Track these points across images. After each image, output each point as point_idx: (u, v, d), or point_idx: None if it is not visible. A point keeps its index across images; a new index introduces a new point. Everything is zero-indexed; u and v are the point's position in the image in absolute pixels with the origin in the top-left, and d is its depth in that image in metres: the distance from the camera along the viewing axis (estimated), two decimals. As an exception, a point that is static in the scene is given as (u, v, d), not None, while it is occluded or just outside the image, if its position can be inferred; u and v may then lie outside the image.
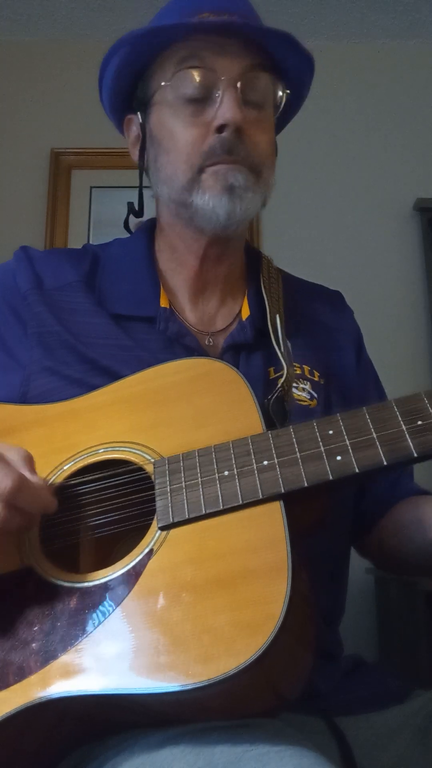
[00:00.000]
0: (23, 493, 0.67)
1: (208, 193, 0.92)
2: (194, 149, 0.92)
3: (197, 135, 0.93)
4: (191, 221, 0.96)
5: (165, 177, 0.96)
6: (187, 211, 0.95)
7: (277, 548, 0.64)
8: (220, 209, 0.92)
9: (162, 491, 0.72)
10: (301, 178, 2.78)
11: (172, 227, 1.01)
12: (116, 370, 0.89)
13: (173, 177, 0.94)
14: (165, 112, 0.96)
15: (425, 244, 2.78)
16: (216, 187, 0.92)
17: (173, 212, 0.99)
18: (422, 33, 2.97)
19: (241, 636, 0.60)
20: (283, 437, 0.72)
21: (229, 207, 0.92)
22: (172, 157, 0.94)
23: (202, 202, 0.93)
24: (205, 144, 0.92)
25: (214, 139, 0.91)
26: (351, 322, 1.15)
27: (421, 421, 0.69)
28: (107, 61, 0.99)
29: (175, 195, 0.95)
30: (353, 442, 0.70)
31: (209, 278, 1.02)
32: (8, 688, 0.64)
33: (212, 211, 0.92)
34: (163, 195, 0.98)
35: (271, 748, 0.58)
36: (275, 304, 1.01)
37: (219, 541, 0.67)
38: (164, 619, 0.63)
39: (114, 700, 0.62)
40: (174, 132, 0.94)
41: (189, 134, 0.93)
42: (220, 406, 0.78)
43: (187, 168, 0.93)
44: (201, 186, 0.93)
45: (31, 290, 0.97)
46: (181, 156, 0.93)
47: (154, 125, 0.98)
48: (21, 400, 0.91)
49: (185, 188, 0.93)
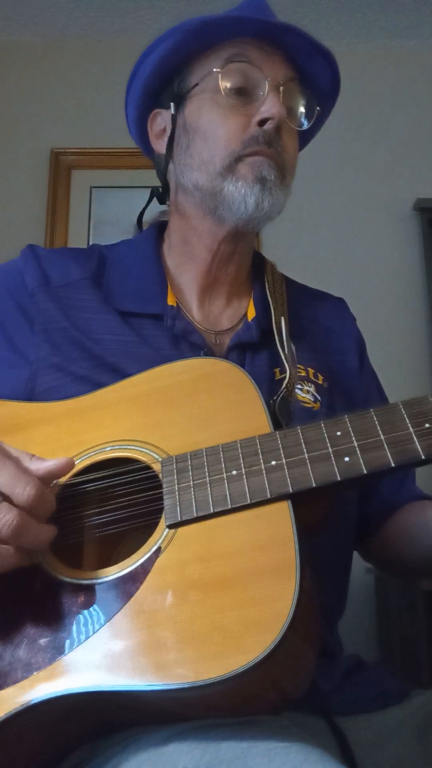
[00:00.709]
0: (25, 533, 0.66)
1: (242, 181, 0.94)
2: (235, 136, 0.95)
3: (239, 124, 0.95)
4: (215, 211, 0.97)
5: (199, 162, 0.97)
6: (214, 200, 0.97)
7: (286, 547, 0.64)
8: (250, 198, 0.94)
9: (170, 489, 0.72)
10: (301, 178, 2.77)
11: (190, 218, 1.02)
12: (122, 366, 0.90)
13: (209, 162, 0.96)
14: (206, 101, 0.98)
15: (425, 244, 2.79)
16: (249, 176, 0.94)
17: (197, 201, 1.00)
18: (422, 33, 2.98)
19: (249, 634, 0.60)
20: (291, 437, 0.72)
21: (259, 197, 0.94)
22: (211, 143, 0.96)
23: (234, 189, 0.94)
24: (246, 133, 0.95)
25: (256, 130, 0.95)
26: (354, 328, 1.16)
27: (428, 424, 0.69)
28: (149, 53, 1.01)
29: (206, 181, 0.97)
30: (361, 443, 0.70)
31: (219, 276, 1.03)
32: (16, 684, 0.64)
33: (242, 200, 0.94)
34: (191, 182, 0.99)
35: (277, 743, 0.58)
36: (280, 306, 1.02)
37: (227, 540, 0.67)
38: (172, 616, 0.63)
39: (122, 697, 0.62)
40: (214, 119, 0.97)
41: (231, 122, 0.96)
42: (228, 406, 0.79)
43: (226, 154, 0.95)
44: (236, 174, 0.95)
45: (38, 287, 0.98)
46: (220, 142, 0.95)
47: (190, 114, 1.00)
48: (28, 397, 0.91)
49: (220, 174, 0.95)
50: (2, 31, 2.97)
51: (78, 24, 2.93)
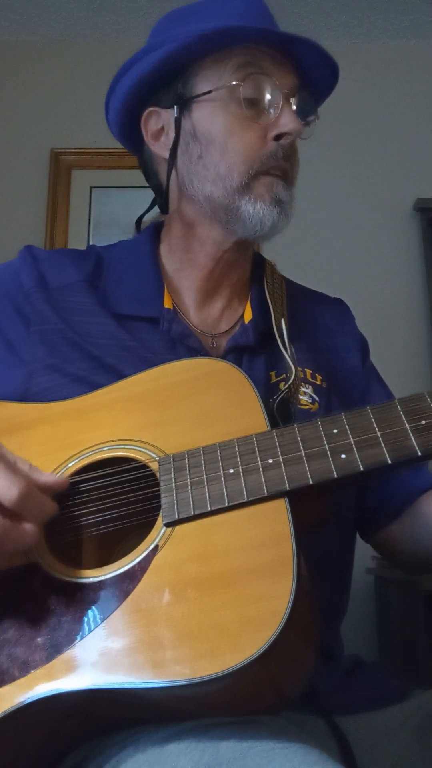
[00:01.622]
0: (29, 501, 0.67)
1: (260, 202, 0.94)
2: (254, 152, 0.94)
3: (256, 138, 0.94)
4: (226, 224, 0.97)
5: (215, 176, 0.96)
6: (228, 215, 0.96)
7: (283, 545, 0.65)
8: (268, 220, 0.94)
9: (167, 488, 0.72)
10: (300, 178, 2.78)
11: (195, 226, 1.01)
12: (120, 369, 0.90)
13: (227, 177, 0.95)
14: (219, 110, 0.96)
15: (425, 244, 2.79)
16: (267, 197, 0.94)
17: (206, 211, 0.98)
18: (422, 33, 2.98)
19: (246, 631, 0.60)
20: (288, 435, 0.72)
21: (276, 220, 0.95)
22: (229, 157, 0.95)
23: (252, 210, 0.94)
24: (264, 149, 0.94)
25: (275, 146, 0.94)
26: (354, 328, 1.15)
27: (424, 421, 0.70)
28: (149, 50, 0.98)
29: (221, 196, 0.95)
30: (357, 440, 0.70)
31: (221, 282, 1.03)
32: (13, 682, 0.64)
33: (260, 221, 0.94)
34: (202, 193, 0.97)
35: (276, 743, 0.58)
36: (279, 308, 1.02)
37: (224, 538, 0.67)
38: (170, 614, 0.63)
39: (119, 695, 0.62)
40: (231, 131, 0.95)
41: (248, 136, 0.94)
42: (225, 406, 0.79)
43: (245, 170, 0.94)
44: (252, 193, 0.94)
45: (34, 288, 0.97)
46: (239, 156, 0.94)
47: (200, 122, 0.97)
48: (22, 398, 0.91)
49: (237, 191, 0.94)
50: (2, 31, 2.97)
51: (78, 24, 2.93)
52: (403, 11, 2.88)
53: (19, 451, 0.80)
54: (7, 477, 0.66)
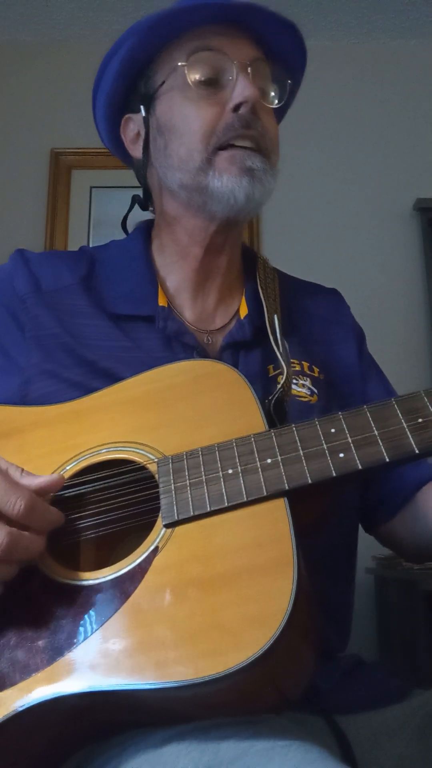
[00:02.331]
0: (14, 551, 0.67)
1: (225, 175, 0.93)
2: (210, 128, 0.93)
3: (213, 114, 0.94)
4: (203, 207, 0.96)
5: (178, 161, 0.96)
6: (201, 196, 0.95)
7: (283, 544, 0.65)
8: (239, 192, 0.93)
9: (166, 489, 0.72)
10: (301, 178, 2.79)
11: (179, 219, 1.01)
12: (116, 371, 0.90)
13: (188, 159, 0.94)
14: (176, 97, 0.96)
15: (425, 244, 2.79)
16: (232, 169, 0.93)
17: (183, 201, 0.98)
18: (422, 33, 2.98)
19: (248, 630, 0.60)
20: (286, 435, 0.73)
21: (249, 189, 0.93)
22: (186, 139, 0.95)
23: (219, 185, 0.93)
24: (221, 123, 0.93)
25: (231, 117, 0.93)
26: (350, 317, 1.15)
27: (421, 419, 0.70)
28: (110, 57, 1.00)
29: (188, 179, 0.95)
30: (355, 439, 0.70)
31: (211, 270, 1.02)
32: (15, 685, 0.64)
33: (230, 193, 0.93)
34: (173, 183, 0.97)
35: (276, 743, 0.58)
36: (272, 303, 1.01)
37: (224, 538, 0.67)
38: (171, 615, 0.63)
39: (121, 697, 0.62)
40: (187, 114, 0.95)
41: (204, 113, 0.94)
42: (223, 407, 0.79)
43: (203, 147, 0.93)
44: (216, 168, 0.93)
45: (29, 293, 0.97)
46: (196, 136, 0.94)
47: (162, 114, 0.98)
48: (20, 404, 0.91)
49: (200, 169, 0.94)
50: (2, 31, 2.97)
51: (78, 24, 2.94)
52: (403, 11, 2.88)
53: (17, 454, 0.81)
54: (11, 489, 0.67)
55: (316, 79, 3.00)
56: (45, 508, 0.70)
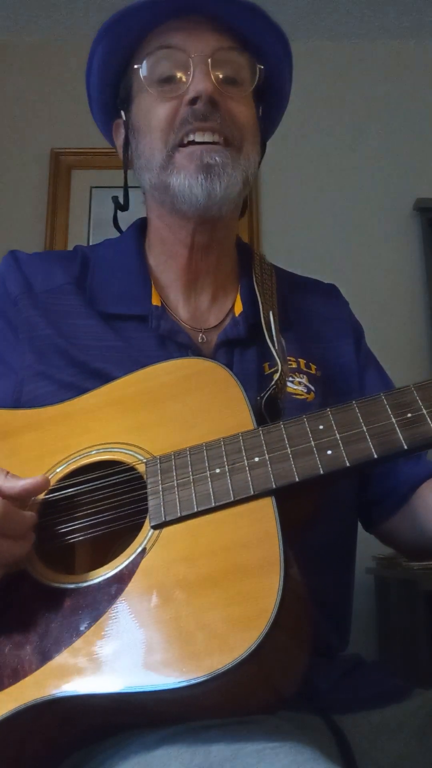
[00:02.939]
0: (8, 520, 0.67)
1: (183, 172, 0.93)
2: (167, 124, 0.93)
3: (170, 110, 0.94)
4: (173, 206, 0.96)
5: (145, 162, 0.96)
6: (167, 195, 0.95)
7: (270, 543, 0.64)
8: (197, 189, 0.92)
9: (154, 490, 0.72)
10: (301, 178, 2.78)
11: (160, 218, 1.02)
12: (108, 371, 0.89)
13: (151, 158, 0.95)
14: (142, 99, 0.97)
15: (425, 244, 2.79)
16: (190, 166, 0.92)
17: (157, 200, 0.99)
18: (422, 33, 2.97)
19: (234, 631, 0.60)
20: (274, 433, 0.72)
21: (208, 186, 0.92)
22: (148, 138, 0.95)
23: (177, 183, 0.93)
24: (177, 118, 0.93)
25: (185, 111, 0.93)
26: (348, 313, 1.14)
27: (410, 414, 0.69)
28: (90, 66, 1.01)
29: (154, 178, 0.95)
30: (343, 436, 0.70)
31: (200, 269, 1.02)
32: (3, 690, 0.63)
33: (189, 192, 0.92)
34: (146, 183, 0.98)
35: (267, 744, 0.58)
36: (268, 300, 1.01)
37: (211, 538, 0.67)
38: (158, 617, 0.63)
39: (109, 700, 0.62)
40: (149, 113, 0.96)
41: (162, 110, 0.94)
42: (212, 405, 0.79)
43: (162, 145, 0.94)
44: (175, 166, 0.93)
45: (21, 295, 0.97)
46: (155, 133, 0.94)
47: (134, 116, 0.99)
48: (14, 406, 0.91)
49: (162, 167, 0.94)
50: (2, 31, 2.97)
51: (78, 24, 2.93)
52: (403, 11, 2.87)
53: (9, 458, 0.81)
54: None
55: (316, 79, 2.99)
56: (17, 515, 0.69)
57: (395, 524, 1.01)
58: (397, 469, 1.01)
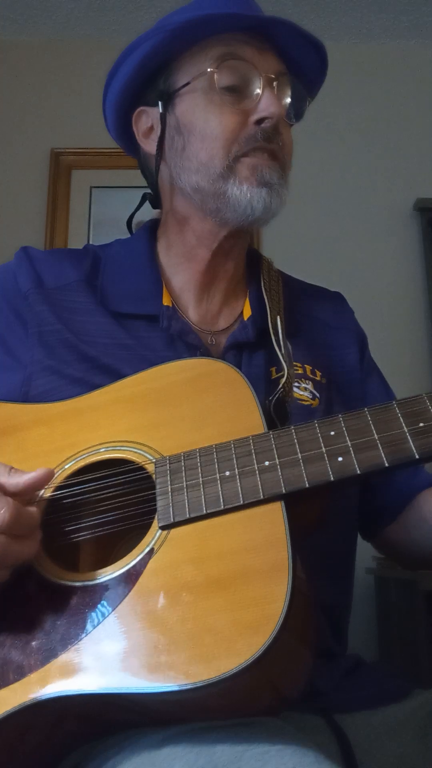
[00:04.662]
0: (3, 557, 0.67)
1: (246, 184, 0.93)
2: (233, 135, 0.94)
3: (236, 122, 0.94)
4: (216, 213, 0.96)
5: (198, 165, 0.96)
6: (216, 202, 0.95)
7: (278, 548, 0.64)
8: (258, 202, 0.93)
9: (163, 491, 0.72)
10: (301, 178, 2.77)
11: (189, 220, 1.01)
12: (118, 368, 0.90)
13: (209, 164, 0.94)
14: (199, 100, 0.96)
15: (425, 244, 2.79)
16: (252, 179, 0.93)
17: (196, 203, 0.98)
18: (422, 33, 2.97)
19: (241, 636, 0.60)
20: (285, 438, 0.72)
21: (267, 200, 0.94)
22: (208, 143, 0.95)
23: (239, 193, 0.93)
24: (244, 132, 0.94)
25: (254, 129, 0.94)
26: (353, 322, 1.15)
27: (423, 423, 0.69)
28: (133, 49, 0.99)
29: (207, 184, 0.95)
30: (355, 443, 0.70)
31: (218, 273, 1.02)
32: (8, 686, 0.64)
33: (248, 203, 0.94)
34: (189, 185, 0.97)
35: (271, 746, 0.58)
36: (276, 305, 1.01)
37: (220, 541, 0.67)
38: (164, 618, 0.63)
39: (113, 700, 0.62)
40: (210, 118, 0.95)
41: (227, 120, 0.94)
42: (222, 407, 0.78)
43: (225, 154, 0.94)
44: (237, 176, 0.94)
45: (31, 290, 0.97)
46: (218, 141, 0.94)
47: (183, 114, 0.98)
48: (22, 400, 0.91)
49: (221, 176, 0.94)
50: (2, 31, 2.97)
51: (78, 24, 2.93)
52: (403, 11, 2.87)
53: (16, 452, 0.81)
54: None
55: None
56: (25, 513, 0.69)
57: (390, 534, 1.02)
58: (394, 479, 1.02)
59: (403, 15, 2.89)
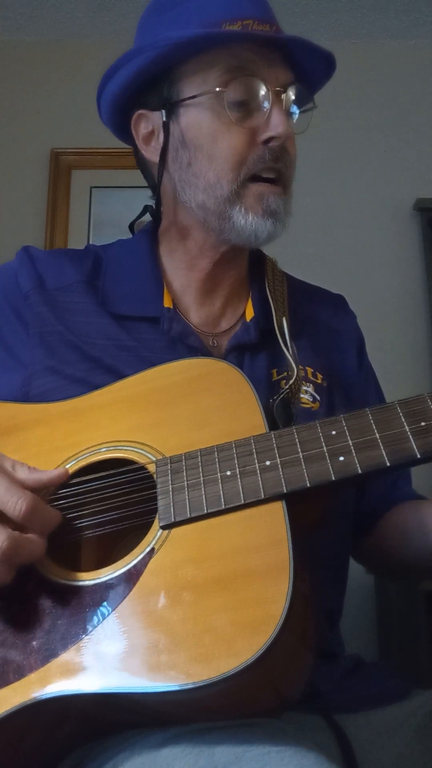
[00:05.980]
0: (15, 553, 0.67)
1: (252, 213, 0.93)
2: (241, 157, 0.92)
3: (244, 143, 0.93)
4: (220, 232, 0.96)
5: (205, 184, 0.94)
6: (220, 223, 0.95)
7: (279, 548, 0.64)
8: (262, 232, 0.94)
9: (164, 490, 0.72)
10: (301, 177, 2.77)
11: (190, 231, 1.01)
12: (119, 369, 0.90)
13: (216, 186, 0.93)
14: (206, 115, 0.94)
15: (425, 244, 2.79)
16: (258, 208, 0.93)
17: (200, 219, 0.97)
18: (422, 33, 2.97)
19: (242, 636, 0.60)
20: (286, 437, 0.72)
21: (272, 230, 0.94)
22: (216, 165, 0.93)
23: (244, 222, 0.93)
24: (252, 153, 0.93)
25: (262, 149, 0.93)
26: (354, 325, 1.15)
27: (424, 422, 0.69)
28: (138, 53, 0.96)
29: (212, 204, 0.94)
30: (356, 442, 0.70)
31: (220, 279, 1.03)
32: (8, 686, 0.64)
33: (252, 232, 0.93)
34: (195, 201, 0.96)
35: (272, 747, 0.58)
36: (281, 306, 1.01)
37: (220, 541, 0.67)
38: (165, 618, 0.63)
39: (114, 700, 0.62)
40: (218, 139, 0.93)
41: (236, 141, 0.92)
42: (223, 406, 0.78)
43: (234, 177, 0.92)
44: (243, 204, 0.93)
45: (32, 290, 0.97)
46: (228, 164, 0.92)
47: (188, 128, 0.95)
48: (22, 400, 0.91)
49: (228, 200, 0.93)
50: (2, 31, 2.97)
51: (78, 24, 2.93)
52: (403, 11, 2.87)
53: (17, 452, 0.81)
54: (13, 491, 0.67)
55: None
56: (46, 509, 0.70)
57: (362, 547, 1.04)
58: (371, 492, 1.03)
59: (403, 15, 2.89)
